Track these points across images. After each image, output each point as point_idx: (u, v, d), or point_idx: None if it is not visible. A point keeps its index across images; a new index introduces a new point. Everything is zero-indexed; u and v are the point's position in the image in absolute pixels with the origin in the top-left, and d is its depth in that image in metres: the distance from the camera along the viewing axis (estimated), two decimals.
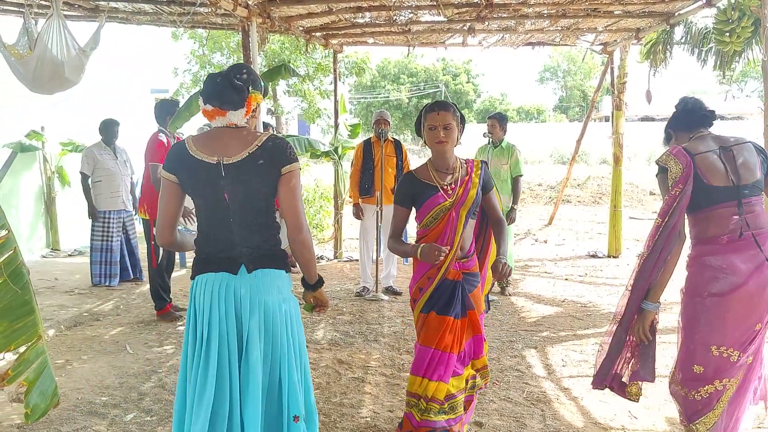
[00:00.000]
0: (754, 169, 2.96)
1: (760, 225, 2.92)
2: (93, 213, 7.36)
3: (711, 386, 2.93)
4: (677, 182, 2.92)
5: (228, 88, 2.52)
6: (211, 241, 2.57)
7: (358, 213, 6.96)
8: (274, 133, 6.80)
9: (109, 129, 7.46)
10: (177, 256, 8.30)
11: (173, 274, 6.56)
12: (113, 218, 7.41)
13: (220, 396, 2.43)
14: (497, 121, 6.76)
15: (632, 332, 3.05)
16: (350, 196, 7.25)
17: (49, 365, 2.25)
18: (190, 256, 9.04)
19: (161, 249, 6.01)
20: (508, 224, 6.92)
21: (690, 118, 3.12)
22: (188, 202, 3.01)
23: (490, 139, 6.73)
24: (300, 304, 2.73)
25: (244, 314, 2.50)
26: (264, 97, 2.74)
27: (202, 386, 2.44)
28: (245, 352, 2.47)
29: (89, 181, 7.37)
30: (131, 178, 7.73)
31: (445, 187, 3.14)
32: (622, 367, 3.12)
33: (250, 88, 2.57)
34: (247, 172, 2.49)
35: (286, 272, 2.67)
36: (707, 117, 3.07)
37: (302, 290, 2.80)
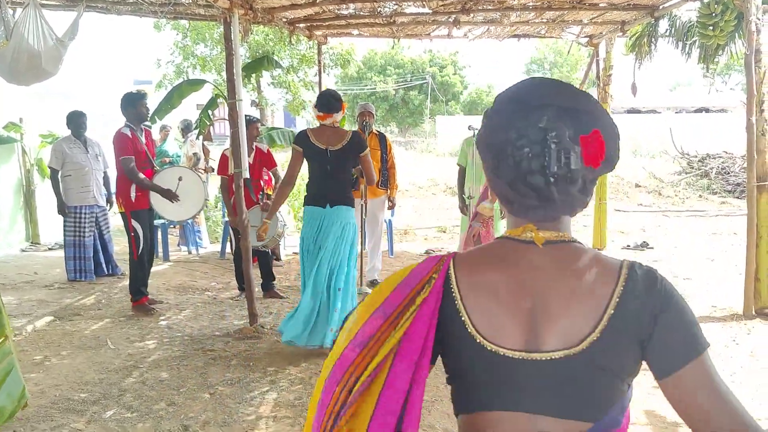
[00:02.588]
0: None
1: None
2: (62, 209, 7.20)
3: None
4: None
5: (333, 101, 4.80)
6: (315, 189, 4.81)
7: None
8: (257, 124, 6.73)
9: (75, 121, 7.25)
10: (160, 249, 8.24)
11: (154, 269, 6.50)
12: (85, 213, 7.25)
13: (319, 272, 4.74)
14: None
15: None
16: None
17: (16, 367, 2.20)
18: (174, 251, 8.97)
19: (141, 241, 5.94)
20: (501, 218, 6.95)
21: None
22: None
23: (475, 132, 6.70)
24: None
25: (325, 229, 4.70)
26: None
27: (310, 268, 4.76)
28: (324, 249, 4.69)
29: (59, 175, 7.22)
30: (105, 172, 7.57)
31: None
32: None
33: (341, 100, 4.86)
34: (342, 156, 4.74)
35: (351, 207, 4.83)
36: None
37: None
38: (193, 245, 9.09)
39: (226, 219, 7.25)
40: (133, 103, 6.03)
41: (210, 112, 8.21)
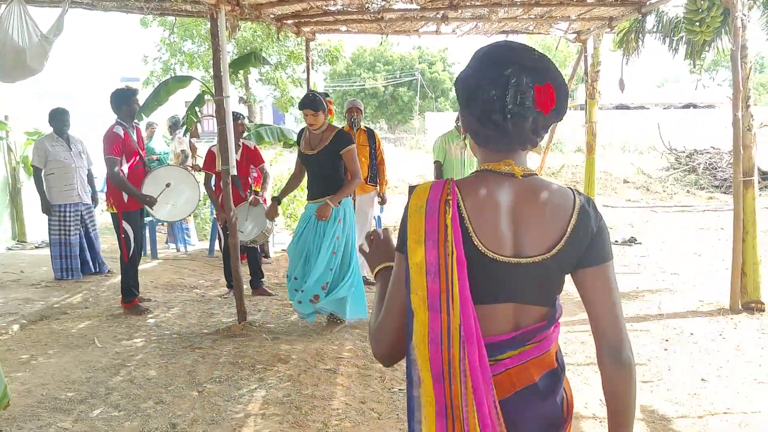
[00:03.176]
0: None
1: None
2: (46, 207, 7.10)
3: None
4: None
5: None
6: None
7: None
8: (245, 121, 6.70)
9: (58, 118, 7.16)
10: (149, 247, 8.19)
11: (142, 266, 6.47)
12: (70, 212, 7.16)
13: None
14: None
15: None
16: None
17: None
18: (162, 248, 8.92)
19: (132, 243, 5.90)
20: None
21: None
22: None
23: (457, 127, 6.70)
24: None
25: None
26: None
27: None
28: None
29: (42, 174, 7.12)
30: (89, 170, 7.49)
31: None
32: None
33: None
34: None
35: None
36: None
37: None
38: (181, 243, 9.05)
39: (215, 216, 7.22)
40: (126, 100, 5.94)
41: (197, 109, 8.16)
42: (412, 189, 1.48)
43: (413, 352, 1.40)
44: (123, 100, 5.93)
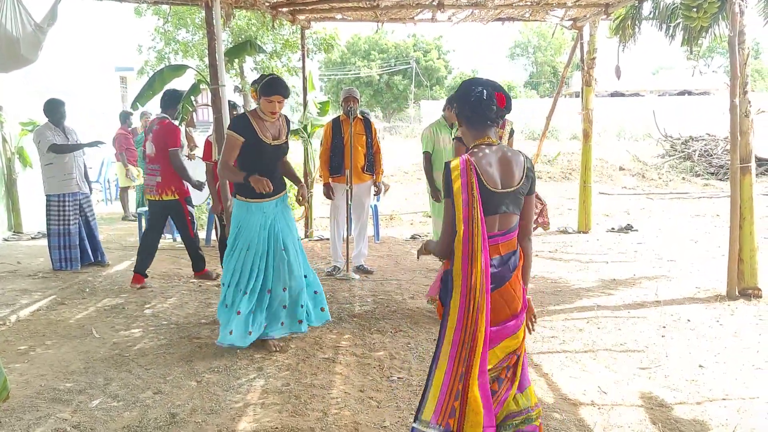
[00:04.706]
0: None
1: None
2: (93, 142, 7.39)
3: None
4: None
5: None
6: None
7: (328, 192, 6.88)
8: (240, 111, 6.66)
9: (56, 109, 7.13)
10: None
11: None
12: (69, 201, 7.13)
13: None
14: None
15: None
16: (320, 176, 7.16)
17: None
18: None
19: (194, 221, 6.69)
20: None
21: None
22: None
23: (444, 116, 6.69)
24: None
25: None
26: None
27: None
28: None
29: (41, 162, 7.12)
30: (83, 160, 7.44)
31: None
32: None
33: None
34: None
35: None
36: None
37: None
38: (177, 233, 9.01)
39: (210, 206, 7.23)
40: (179, 100, 6.60)
41: (192, 98, 8.12)
42: (447, 164, 2.61)
43: (456, 246, 2.56)
44: (176, 101, 6.57)
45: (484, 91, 2.65)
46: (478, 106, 2.65)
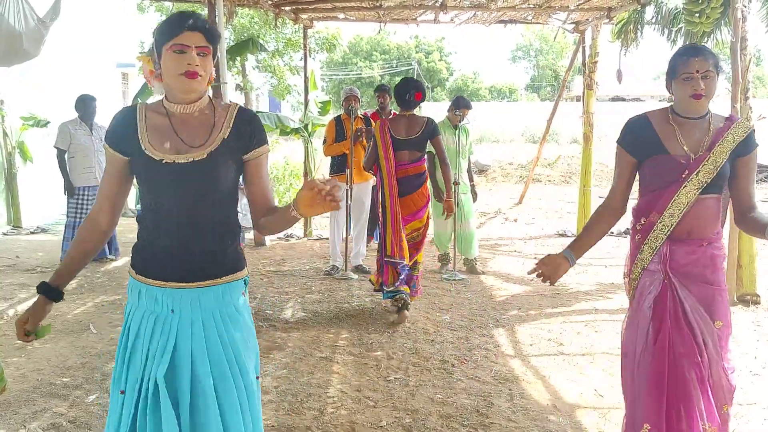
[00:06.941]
0: None
1: None
2: (69, 188, 7.15)
3: None
4: None
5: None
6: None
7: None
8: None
9: (88, 106, 7.21)
10: None
11: None
12: (88, 194, 7.17)
13: None
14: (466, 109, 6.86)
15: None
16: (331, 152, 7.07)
17: None
18: None
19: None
20: (474, 201, 7.12)
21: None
22: None
23: (448, 117, 6.83)
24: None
25: None
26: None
27: None
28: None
29: (65, 156, 7.15)
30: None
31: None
32: None
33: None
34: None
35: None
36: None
37: None
38: None
39: None
40: None
41: None
42: (371, 129, 5.42)
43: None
44: None
45: (410, 90, 5.19)
46: (403, 97, 5.20)
